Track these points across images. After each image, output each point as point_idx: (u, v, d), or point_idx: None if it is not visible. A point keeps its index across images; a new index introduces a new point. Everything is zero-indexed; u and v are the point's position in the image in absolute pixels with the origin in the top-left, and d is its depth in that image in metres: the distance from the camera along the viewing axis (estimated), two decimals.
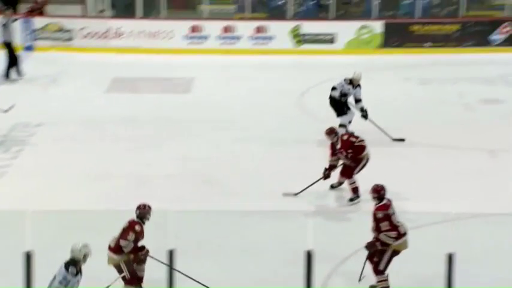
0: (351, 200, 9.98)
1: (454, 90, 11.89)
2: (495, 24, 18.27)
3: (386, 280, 7.65)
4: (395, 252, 7.63)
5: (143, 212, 7.66)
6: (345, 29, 18.15)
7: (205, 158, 11.76)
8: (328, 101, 12.06)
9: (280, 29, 18.19)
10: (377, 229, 7.63)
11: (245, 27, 18.27)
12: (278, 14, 19.00)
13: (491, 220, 9.27)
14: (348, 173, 9.87)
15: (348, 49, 18.28)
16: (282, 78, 16.42)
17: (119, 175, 11.13)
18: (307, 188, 9.79)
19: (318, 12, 18.98)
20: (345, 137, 9.95)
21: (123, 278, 7.55)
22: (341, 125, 12.00)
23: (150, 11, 18.74)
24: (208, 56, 17.80)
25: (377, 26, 18.34)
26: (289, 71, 16.99)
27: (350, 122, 12.07)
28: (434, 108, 14.19)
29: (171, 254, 6.73)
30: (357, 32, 18.38)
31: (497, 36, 18.26)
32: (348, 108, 12.16)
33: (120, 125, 13.30)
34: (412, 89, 15.55)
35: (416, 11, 18.73)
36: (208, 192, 10.46)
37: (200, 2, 19.09)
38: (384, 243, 7.63)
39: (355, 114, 12.10)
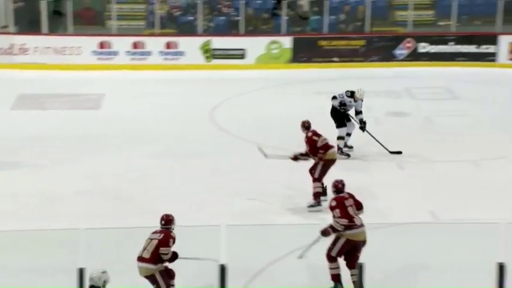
0: (311, 206, 10.07)
1: (362, 103, 12.03)
2: (399, 39, 18.61)
3: (336, 268, 7.75)
4: (350, 242, 7.74)
5: (169, 220, 7.72)
6: (255, 44, 18.31)
7: (117, 174, 11.58)
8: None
9: (190, 45, 18.24)
10: (333, 217, 7.85)
11: (155, 43, 18.23)
12: (188, 29, 18.95)
13: (399, 230, 9.25)
14: (312, 172, 9.98)
15: (258, 64, 18.42)
16: (193, 93, 16.38)
17: (29, 193, 10.86)
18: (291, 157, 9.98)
19: (228, 27, 19.01)
20: (309, 134, 10.08)
21: None
22: (339, 138, 11.95)
23: (57, 27, 18.51)
24: (118, 71, 17.65)
25: (286, 41, 18.54)
26: (200, 86, 16.96)
27: (349, 134, 12.01)
28: None
29: (81, 272, 6.55)
30: (267, 47, 18.50)
31: (401, 51, 18.62)
32: (348, 120, 12.09)
33: (28, 142, 13.01)
34: (322, 103, 15.63)
35: (324, 27, 18.99)
36: (120, 208, 10.28)
37: (108, 18, 18.82)
38: (336, 230, 7.77)
39: (355, 127, 12.08)
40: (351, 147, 12.09)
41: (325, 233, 7.85)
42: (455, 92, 16.14)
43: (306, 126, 10.20)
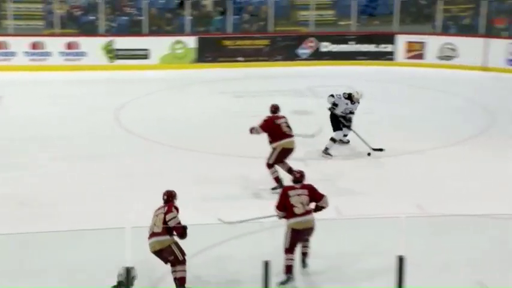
0: (274, 188, 10.13)
1: (267, 102, 12.03)
2: (301, 39, 18.97)
3: (290, 259, 7.83)
4: (296, 231, 7.86)
5: (171, 194, 7.75)
6: (159, 45, 18.11)
7: (19, 178, 11.20)
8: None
9: (92, 45, 17.95)
10: None
11: (55, 43, 17.83)
12: (90, 29, 18.60)
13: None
14: (268, 158, 10.13)
15: (162, 64, 18.24)
16: (97, 94, 16.04)
17: None
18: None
19: (131, 27, 18.75)
20: (267, 118, 10.29)
21: (174, 260, 7.51)
22: (331, 139, 11.92)
23: None
24: (17, 73, 17.18)
25: (190, 41, 18.39)
26: (103, 86, 16.63)
27: (345, 135, 11.96)
28: (247, 120, 14.37)
29: None
30: (171, 47, 18.37)
31: (304, 50, 18.75)
32: (344, 125, 12.01)
33: None
34: (227, 103, 15.47)
35: (228, 27, 18.92)
36: (24, 214, 9.94)
37: (5, 18, 18.28)
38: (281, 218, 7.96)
39: (350, 132, 11.97)
40: (347, 142, 12.12)
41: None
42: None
43: (272, 110, 10.34)
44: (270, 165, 10.19)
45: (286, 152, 10.20)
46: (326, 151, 11.76)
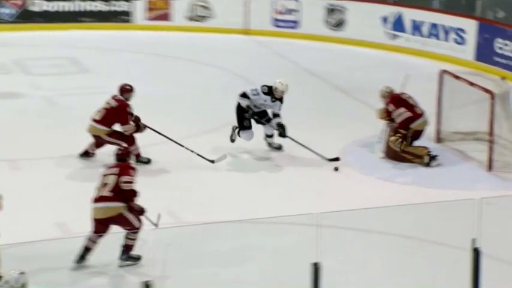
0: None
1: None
2: None
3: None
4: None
5: (124, 153, 7.79)
6: None
7: None
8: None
9: None
10: None
11: None
12: None
13: None
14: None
15: None
16: None
17: None
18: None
19: None
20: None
21: (129, 229, 7.46)
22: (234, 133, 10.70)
23: None
24: None
25: None
26: None
27: (270, 136, 10.43)
28: None
29: None
30: None
31: (5, 9, 16.85)
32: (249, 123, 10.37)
33: None
34: None
35: None
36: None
37: None
38: None
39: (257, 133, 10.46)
40: (279, 147, 10.49)
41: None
42: (82, 63, 14.72)
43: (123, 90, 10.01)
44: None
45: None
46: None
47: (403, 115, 9.60)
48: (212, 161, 9.88)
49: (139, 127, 9.49)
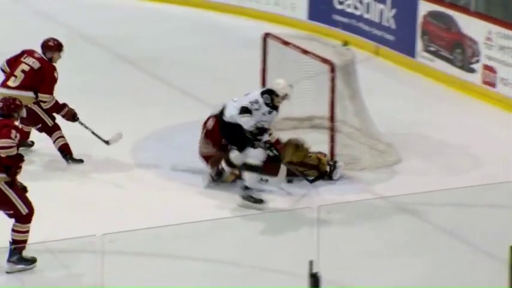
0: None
1: None
2: None
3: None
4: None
5: (13, 106, 6.44)
6: None
7: None
8: None
9: None
10: None
11: None
12: None
13: None
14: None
15: None
16: None
17: None
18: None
19: None
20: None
21: (13, 215, 6.29)
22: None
23: None
24: None
25: None
26: None
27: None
28: None
29: None
30: None
31: None
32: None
33: None
34: None
35: None
36: None
37: None
38: None
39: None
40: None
41: None
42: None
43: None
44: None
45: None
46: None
47: None
48: (107, 142, 8.82)
49: (65, 109, 7.90)
